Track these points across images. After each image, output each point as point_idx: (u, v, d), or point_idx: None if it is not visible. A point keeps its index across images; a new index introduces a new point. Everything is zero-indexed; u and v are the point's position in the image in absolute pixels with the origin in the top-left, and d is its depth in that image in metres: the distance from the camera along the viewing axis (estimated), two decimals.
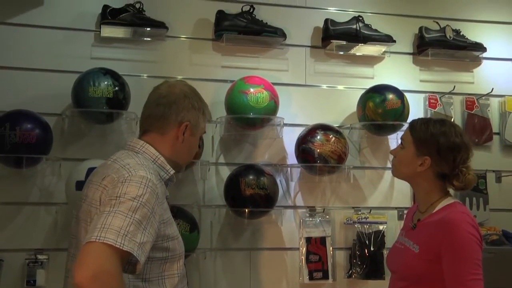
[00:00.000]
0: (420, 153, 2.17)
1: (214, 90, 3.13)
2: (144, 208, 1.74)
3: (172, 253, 1.91)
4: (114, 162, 1.92)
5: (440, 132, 2.16)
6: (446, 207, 2.14)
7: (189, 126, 2.02)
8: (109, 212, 1.69)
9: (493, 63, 3.55)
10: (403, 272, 2.21)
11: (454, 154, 2.13)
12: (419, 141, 2.18)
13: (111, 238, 1.63)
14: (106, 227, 1.65)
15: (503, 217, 3.33)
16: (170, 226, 1.92)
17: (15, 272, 2.83)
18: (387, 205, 3.33)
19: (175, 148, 2.02)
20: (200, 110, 2.07)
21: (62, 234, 2.86)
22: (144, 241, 1.71)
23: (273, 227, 3.16)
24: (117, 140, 2.97)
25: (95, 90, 2.77)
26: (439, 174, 2.16)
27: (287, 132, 3.15)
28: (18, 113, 2.75)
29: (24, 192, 2.89)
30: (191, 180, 3.08)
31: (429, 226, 2.14)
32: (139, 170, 1.83)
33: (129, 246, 1.65)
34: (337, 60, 3.37)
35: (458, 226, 2.04)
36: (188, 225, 2.82)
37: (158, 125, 2.02)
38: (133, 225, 1.68)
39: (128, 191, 1.75)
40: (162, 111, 2.01)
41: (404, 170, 2.25)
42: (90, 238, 1.64)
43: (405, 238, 2.24)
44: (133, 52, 3.09)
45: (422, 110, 3.42)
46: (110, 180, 1.83)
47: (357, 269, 3.15)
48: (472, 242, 2.02)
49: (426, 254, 2.10)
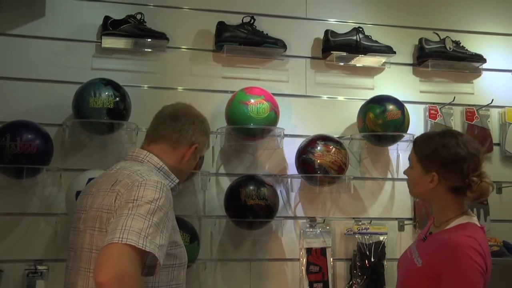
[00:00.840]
0: (427, 171, 2.13)
1: (215, 101, 3.14)
2: (161, 211, 1.76)
3: (179, 261, 1.93)
4: (122, 170, 1.94)
5: (442, 145, 2.12)
6: (458, 227, 2.08)
7: (198, 148, 2.12)
8: (128, 215, 1.71)
9: (493, 74, 3.56)
10: (404, 283, 2.20)
11: (460, 165, 2.07)
12: (423, 158, 2.15)
13: (133, 240, 1.64)
14: (127, 229, 1.66)
15: (504, 228, 3.32)
16: (177, 234, 1.96)
17: (14, 282, 2.82)
18: (388, 216, 3.32)
19: (178, 165, 2.09)
20: (208, 137, 2.21)
21: (62, 245, 2.86)
22: (162, 244, 1.73)
23: (274, 238, 3.16)
24: (118, 151, 2.97)
25: (96, 101, 2.77)
26: (451, 188, 2.10)
27: (287, 142, 3.15)
28: (19, 123, 2.75)
29: (24, 203, 2.89)
30: (192, 191, 3.08)
31: (436, 243, 2.10)
32: (152, 175, 1.87)
33: (150, 247, 1.67)
34: (337, 71, 3.38)
35: (461, 250, 1.97)
36: (189, 236, 2.81)
37: (173, 138, 2.08)
38: (152, 227, 1.71)
39: (145, 194, 1.77)
40: (181, 127, 2.10)
41: (417, 190, 2.23)
42: (112, 240, 1.64)
43: (415, 248, 2.21)
44: (134, 63, 3.11)
45: (423, 121, 3.43)
46: (123, 185, 1.84)
47: (358, 280, 3.14)
48: (473, 269, 1.95)
49: (427, 271, 2.06)
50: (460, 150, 2.09)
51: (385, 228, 3.24)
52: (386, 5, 3.50)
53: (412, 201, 3.33)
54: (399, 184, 3.33)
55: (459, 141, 2.12)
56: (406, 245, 3.20)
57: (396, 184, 3.35)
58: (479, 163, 2.10)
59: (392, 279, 3.17)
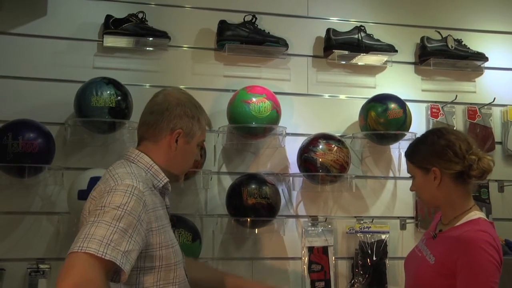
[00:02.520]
0: (426, 171, 2.17)
1: (216, 100, 3.14)
2: (130, 216, 1.73)
3: (165, 262, 1.89)
4: (107, 173, 1.93)
5: (429, 143, 2.20)
6: (469, 223, 2.10)
7: (182, 133, 2.02)
8: (93, 222, 1.69)
9: (495, 73, 3.56)
10: (417, 281, 2.20)
11: (453, 149, 2.12)
12: (419, 161, 2.21)
13: (93, 248, 1.62)
14: (89, 237, 1.64)
15: (506, 227, 3.32)
16: (163, 235, 1.90)
17: (16, 281, 2.83)
18: (390, 215, 3.32)
19: (169, 157, 2.02)
20: (194, 118, 2.05)
21: (64, 244, 2.86)
22: (130, 249, 1.69)
23: (275, 237, 3.16)
24: (120, 150, 2.96)
25: (98, 100, 2.77)
26: (455, 176, 2.13)
27: (289, 141, 3.15)
28: (20, 122, 2.76)
29: (26, 202, 2.89)
30: (193, 190, 3.08)
31: (448, 240, 2.10)
32: (126, 179, 1.83)
33: (111, 255, 1.63)
34: (339, 69, 3.38)
35: (476, 245, 1.99)
36: (190, 235, 2.81)
37: (151, 133, 2.03)
38: (117, 233, 1.67)
39: (112, 200, 1.74)
40: (155, 119, 2.02)
41: (427, 195, 2.23)
42: (73, 249, 1.62)
43: (425, 246, 2.22)
44: (136, 62, 3.11)
45: (424, 120, 3.43)
46: (98, 191, 1.84)
47: (360, 278, 3.14)
48: (489, 263, 1.97)
49: (440, 268, 2.07)
50: (446, 136, 2.16)
51: (387, 227, 3.24)
52: (388, 4, 3.50)
53: (414, 200, 3.33)
54: (401, 183, 3.33)
55: (442, 132, 2.21)
56: (408, 243, 3.24)
57: (398, 183, 3.34)
58: (469, 143, 2.15)
59: (394, 278, 3.18)
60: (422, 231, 3.28)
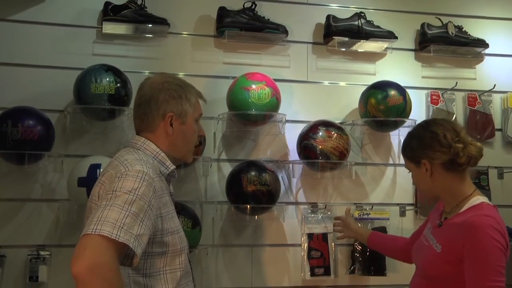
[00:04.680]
0: (418, 164, 2.21)
1: (216, 87, 3.13)
2: (141, 201, 1.75)
3: (172, 248, 1.91)
4: (115, 159, 1.94)
5: (416, 136, 2.25)
6: (472, 208, 2.11)
7: (174, 116, 2.01)
8: (105, 206, 1.70)
9: (495, 59, 3.55)
10: (425, 270, 2.20)
11: (437, 139, 2.15)
12: (410, 156, 2.26)
13: (107, 230, 1.64)
14: (102, 220, 1.66)
15: (506, 213, 3.23)
16: (170, 221, 1.93)
17: (17, 268, 2.84)
18: (389, 202, 3.33)
19: (170, 142, 2.03)
20: (181, 97, 2.04)
21: (64, 231, 2.89)
22: (141, 233, 1.72)
23: (275, 224, 3.17)
24: (119, 137, 2.98)
25: (97, 87, 2.77)
26: (444, 166, 2.15)
27: (289, 128, 3.15)
28: (20, 109, 2.76)
29: (26, 189, 2.90)
30: (193, 177, 3.08)
31: (453, 227, 2.11)
32: (136, 165, 1.84)
33: (125, 237, 1.66)
34: (339, 56, 3.37)
35: (481, 230, 2.00)
36: (190, 222, 2.82)
37: (145, 124, 2.03)
38: (129, 217, 1.69)
39: (124, 185, 1.76)
40: (144, 111, 2.02)
41: (425, 187, 2.27)
42: (86, 231, 1.64)
43: (431, 235, 2.23)
44: (135, 49, 3.10)
45: (424, 107, 3.42)
46: (108, 176, 1.85)
47: (359, 265, 3.15)
48: (495, 248, 1.98)
49: (447, 255, 2.08)
50: (430, 128, 2.20)
51: (386, 214, 3.25)
52: None
53: (414, 187, 3.33)
54: (401, 170, 3.33)
55: (428, 123, 2.27)
56: (407, 230, 3.25)
57: (398, 170, 3.35)
58: (457, 131, 2.16)
59: (393, 265, 3.19)
60: (422, 218, 3.29)
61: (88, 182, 2.59)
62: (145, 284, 1.87)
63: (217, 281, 3.09)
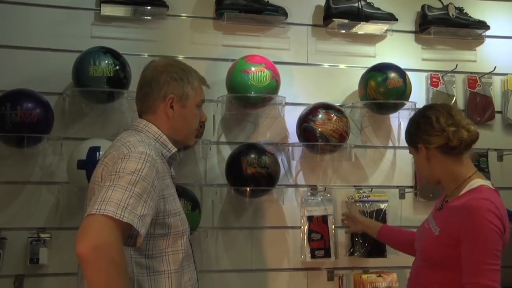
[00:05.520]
0: (416, 149, 2.25)
1: (215, 69, 3.12)
2: (144, 182, 1.76)
3: (174, 229, 1.93)
4: (117, 141, 1.96)
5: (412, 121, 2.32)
6: (471, 191, 2.12)
7: (174, 98, 2.03)
8: (109, 187, 1.72)
9: (496, 41, 3.53)
10: (423, 253, 2.22)
11: (430, 123, 2.18)
12: (409, 141, 2.31)
13: (111, 210, 1.65)
14: (106, 200, 1.67)
15: (505, 195, 3.22)
16: (172, 203, 1.94)
17: (18, 250, 2.85)
18: (389, 184, 3.33)
19: (170, 124, 2.05)
20: (183, 80, 2.06)
21: (65, 213, 2.89)
22: (145, 214, 1.73)
23: (275, 206, 3.17)
24: (118, 120, 2.97)
25: (96, 69, 2.76)
26: (440, 150, 2.16)
27: (288, 111, 3.14)
28: (19, 92, 2.75)
29: (26, 171, 2.90)
30: (193, 159, 3.08)
31: (452, 210, 2.13)
32: (139, 147, 1.86)
33: (129, 217, 1.67)
34: (338, 38, 3.35)
35: (477, 213, 2.02)
36: (190, 204, 2.83)
37: (146, 106, 2.06)
38: (133, 198, 1.71)
39: (127, 166, 1.78)
40: (145, 92, 2.06)
41: (424, 172, 2.30)
42: (90, 211, 1.66)
43: (432, 219, 2.24)
44: (134, 31, 3.08)
45: (424, 89, 3.41)
46: (110, 158, 1.87)
47: (359, 247, 3.16)
48: (491, 231, 1.99)
49: (444, 238, 2.09)
50: (425, 113, 2.25)
51: (386, 196, 3.25)
52: None
53: (413, 169, 3.33)
54: (400, 152, 3.33)
55: (424, 108, 2.33)
56: (407, 212, 3.27)
57: (397, 152, 3.34)
58: (452, 115, 2.18)
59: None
60: (421, 200, 3.30)
61: (87, 165, 2.59)
62: (147, 265, 1.89)
63: (217, 263, 3.10)
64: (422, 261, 2.23)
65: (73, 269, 2.09)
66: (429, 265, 2.17)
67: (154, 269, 1.89)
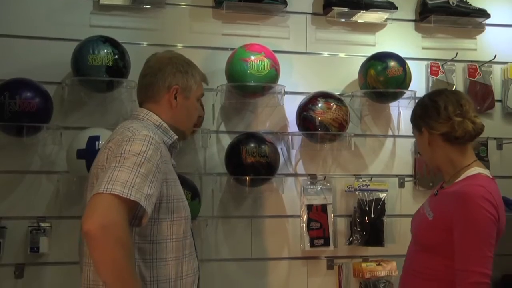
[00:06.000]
0: (420, 131, 2.23)
1: (215, 58, 3.11)
2: (149, 163, 1.79)
3: (176, 215, 1.94)
4: (119, 128, 1.98)
5: (419, 103, 2.29)
6: (467, 178, 2.12)
7: (179, 89, 2.07)
8: (114, 167, 1.74)
9: (496, 30, 3.52)
10: (417, 237, 2.24)
11: (437, 109, 2.16)
12: (413, 123, 2.28)
13: (118, 189, 1.68)
14: (113, 180, 1.70)
15: (504, 184, 3.26)
16: (175, 188, 1.96)
17: (18, 239, 2.86)
18: (388, 173, 3.33)
19: (172, 114, 2.07)
20: (188, 73, 2.11)
21: (65, 202, 2.90)
22: (151, 193, 1.76)
23: (274, 195, 3.17)
24: (118, 109, 2.97)
25: (95, 58, 2.75)
26: (443, 137, 2.15)
27: (288, 100, 3.14)
28: (17, 81, 2.74)
29: (26, 161, 2.90)
30: (192, 148, 3.08)
31: (447, 195, 2.13)
32: (142, 130, 1.88)
33: (136, 196, 1.70)
34: (338, 27, 3.34)
35: (471, 199, 2.01)
36: (190, 193, 2.82)
37: (150, 95, 2.08)
38: (139, 177, 1.74)
39: (132, 148, 1.80)
40: (150, 81, 2.08)
41: (425, 155, 2.29)
42: (97, 190, 1.68)
43: (427, 204, 2.25)
44: (133, 20, 3.07)
45: (424, 78, 3.40)
46: (115, 142, 1.89)
47: (358, 236, 3.17)
48: (484, 218, 1.98)
49: (438, 223, 2.09)
50: (434, 98, 2.22)
51: (385, 185, 3.25)
52: None
53: (413, 158, 3.34)
54: (400, 141, 3.33)
55: (434, 93, 2.30)
56: (406, 201, 3.27)
57: (397, 141, 3.35)
58: (461, 105, 2.16)
59: (391, 236, 3.22)
60: (421, 190, 3.30)
61: (87, 154, 2.60)
62: (150, 251, 1.90)
63: (216, 252, 3.11)
64: (416, 245, 2.24)
65: (73, 258, 2.10)
66: (423, 250, 2.17)
67: (157, 256, 1.90)
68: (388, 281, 3.17)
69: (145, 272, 1.88)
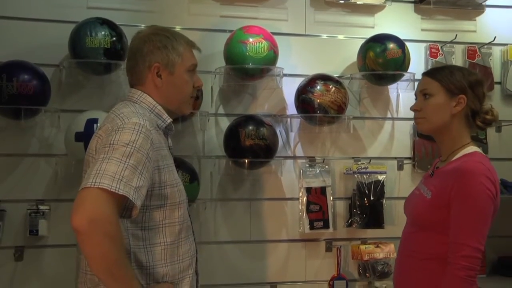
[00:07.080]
0: (452, 94, 2.17)
1: (213, 40, 3.09)
2: (139, 153, 1.76)
3: (170, 200, 1.92)
4: (112, 113, 1.95)
5: (465, 72, 2.24)
6: (466, 156, 2.14)
7: (160, 67, 2.00)
8: (103, 159, 1.71)
9: (496, 11, 3.49)
10: (413, 217, 2.24)
11: (481, 89, 2.20)
12: (449, 83, 2.19)
13: (106, 183, 1.65)
14: (101, 173, 1.67)
15: (503, 166, 3.32)
16: (168, 174, 1.93)
17: (17, 222, 2.87)
18: (387, 155, 3.33)
19: (160, 93, 2.02)
20: (166, 47, 2.02)
21: (63, 185, 2.90)
22: (140, 185, 1.73)
23: (273, 178, 3.18)
24: (116, 91, 2.96)
25: (92, 41, 2.73)
26: (469, 113, 2.17)
27: (286, 82, 3.13)
28: (15, 64, 2.73)
29: (24, 144, 2.90)
30: (191, 131, 3.08)
31: (444, 173, 2.14)
32: (132, 118, 1.85)
33: (124, 190, 1.67)
34: (337, 9, 3.31)
35: (470, 175, 2.02)
36: (188, 176, 2.83)
37: (135, 78, 2.04)
38: (127, 169, 1.71)
39: (121, 138, 1.77)
40: (131, 64, 2.04)
41: (437, 118, 2.21)
42: (85, 184, 1.66)
43: (422, 185, 2.25)
44: (130, 2, 3.05)
45: (423, 60, 3.39)
46: (104, 130, 1.86)
47: (357, 218, 3.18)
48: (484, 194, 2.00)
49: (436, 201, 2.09)
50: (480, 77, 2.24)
51: (384, 168, 3.25)
52: None
53: (412, 141, 3.34)
54: (399, 124, 3.33)
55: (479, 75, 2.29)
56: (405, 184, 3.27)
57: (396, 124, 3.34)
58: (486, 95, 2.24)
59: (390, 218, 3.22)
60: (419, 172, 3.30)
61: (85, 137, 2.58)
62: (143, 237, 1.89)
63: (215, 234, 3.12)
64: (412, 226, 2.24)
65: (73, 240, 2.08)
66: (421, 230, 2.17)
67: (150, 241, 1.89)
68: (386, 263, 3.18)
69: (141, 258, 1.88)
